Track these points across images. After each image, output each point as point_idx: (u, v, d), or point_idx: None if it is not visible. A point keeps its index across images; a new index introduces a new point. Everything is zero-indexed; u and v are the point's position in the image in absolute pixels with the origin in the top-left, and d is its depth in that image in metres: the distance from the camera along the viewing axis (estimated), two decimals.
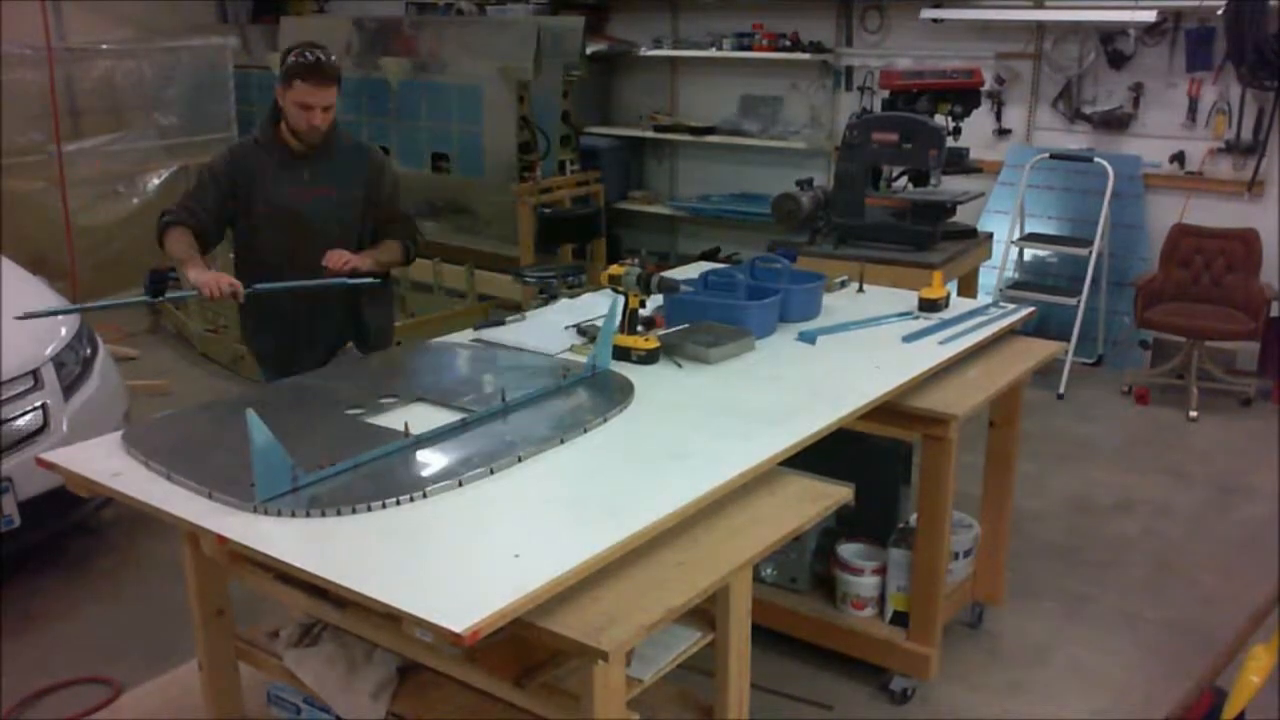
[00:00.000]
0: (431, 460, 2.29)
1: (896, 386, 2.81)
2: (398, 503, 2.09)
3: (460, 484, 2.17)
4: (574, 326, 3.23)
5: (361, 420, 2.50)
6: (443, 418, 2.48)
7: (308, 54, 3.30)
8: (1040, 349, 3.41)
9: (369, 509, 2.07)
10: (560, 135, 7.09)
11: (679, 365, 2.92)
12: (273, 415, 2.45)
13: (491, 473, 2.23)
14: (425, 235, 7.43)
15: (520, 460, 2.29)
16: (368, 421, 2.49)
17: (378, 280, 3.46)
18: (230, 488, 2.10)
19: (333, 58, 3.34)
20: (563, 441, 2.39)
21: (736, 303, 3.24)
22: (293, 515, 2.04)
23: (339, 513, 2.05)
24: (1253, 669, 2.19)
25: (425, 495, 2.12)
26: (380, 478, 2.19)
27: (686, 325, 3.11)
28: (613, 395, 2.65)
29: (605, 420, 2.51)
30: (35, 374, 3.75)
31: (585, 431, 2.45)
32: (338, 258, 3.32)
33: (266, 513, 2.05)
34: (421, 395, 2.66)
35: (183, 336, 6.65)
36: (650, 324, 3.09)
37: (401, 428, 2.38)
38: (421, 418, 2.47)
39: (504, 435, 2.41)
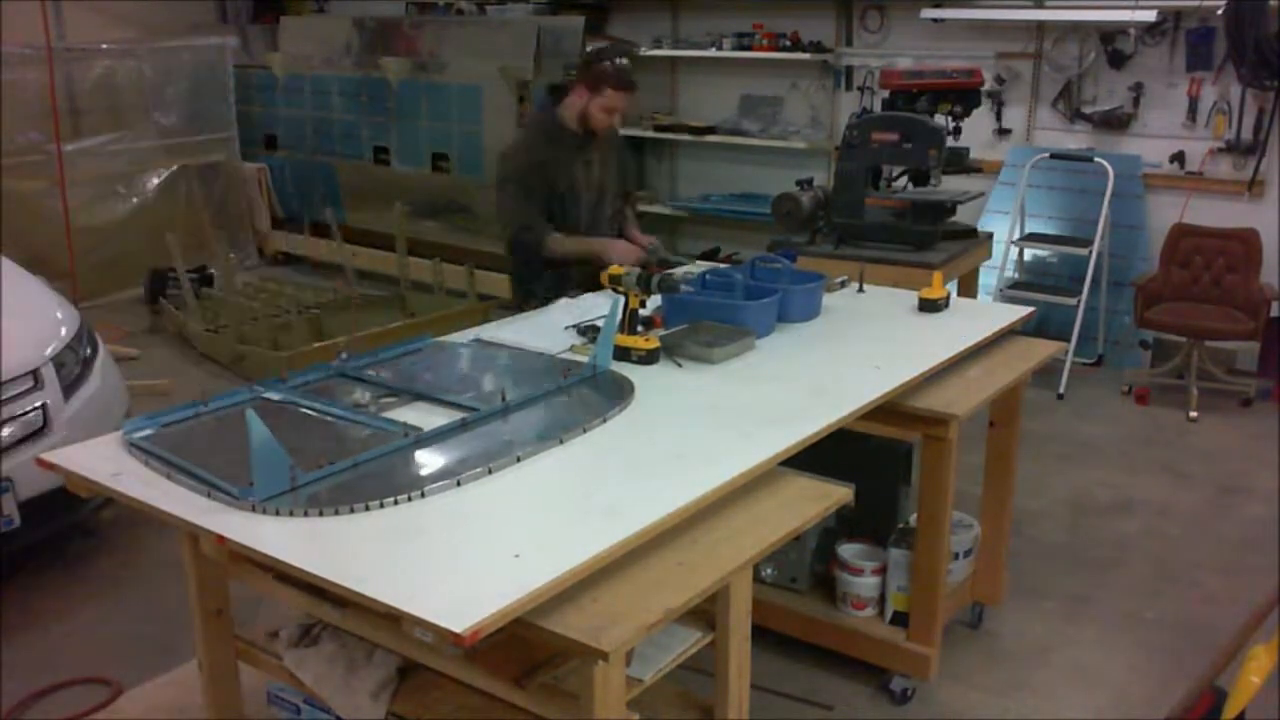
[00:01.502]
0: (430, 460, 2.29)
1: (896, 386, 2.81)
2: (395, 502, 2.09)
3: (459, 484, 2.17)
4: (574, 326, 3.23)
5: (361, 419, 2.50)
6: (442, 417, 2.48)
7: (623, 62, 3.73)
8: (1040, 349, 3.41)
9: (367, 508, 2.07)
10: None
11: (679, 365, 2.92)
12: (272, 414, 2.46)
13: (490, 472, 2.23)
14: (426, 235, 7.49)
15: (519, 460, 2.29)
16: (367, 421, 2.49)
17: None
18: (229, 487, 2.11)
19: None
20: (562, 442, 2.39)
21: (735, 303, 3.24)
22: (291, 514, 2.05)
23: (337, 512, 2.05)
24: (1253, 669, 2.19)
25: (424, 495, 2.12)
26: (379, 477, 2.19)
27: (686, 325, 3.11)
28: (613, 395, 2.65)
29: (605, 421, 2.51)
30: (35, 374, 3.75)
31: (585, 432, 2.45)
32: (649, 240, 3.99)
33: (265, 512, 2.05)
34: (421, 394, 2.66)
35: (183, 336, 6.65)
36: (649, 324, 3.09)
37: (401, 427, 2.38)
38: (421, 417, 2.47)
39: (503, 435, 2.41)
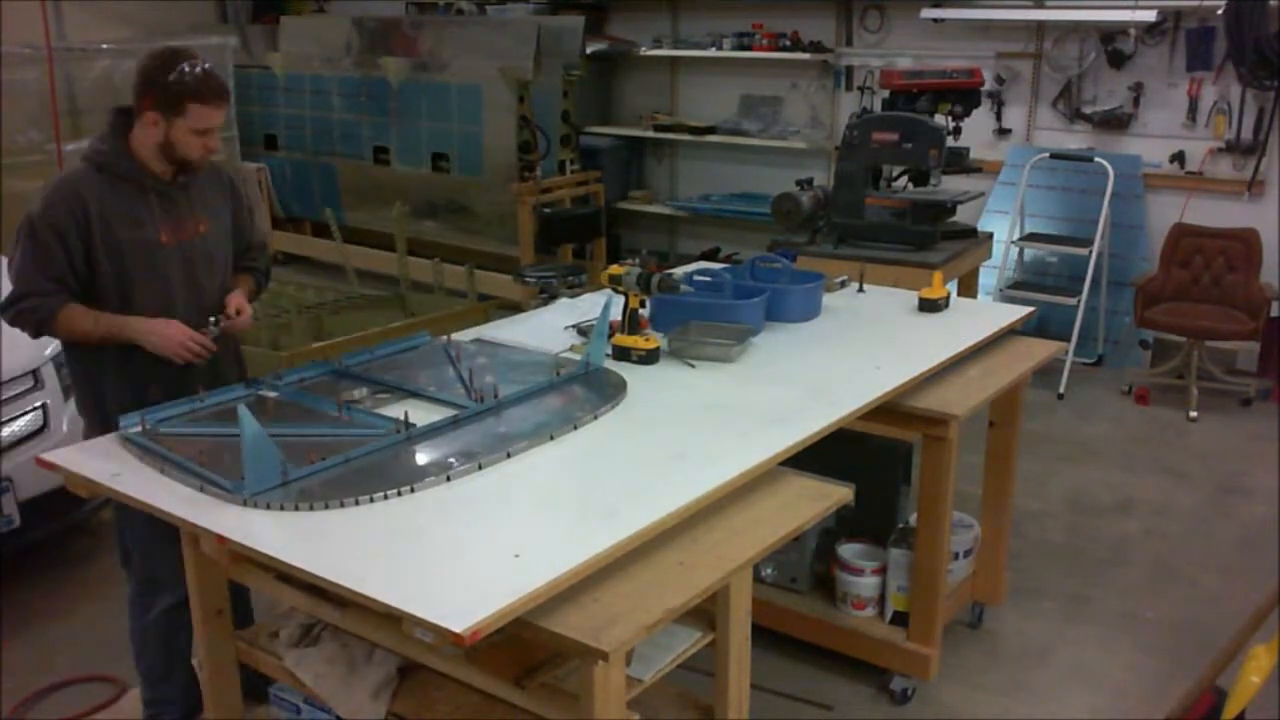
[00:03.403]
0: (421, 455, 2.30)
1: (896, 386, 2.81)
2: (385, 497, 2.10)
3: (449, 479, 2.18)
4: (574, 326, 3.23)
5: (354, 416, 2.50)
6: (435, 414, 2.49)
7: (198, 68, 2.66)
8: (1040, 349, 3.41)
9: (357, 503, 2.08)
10: (560, 135, 7.10)
11: (693, 366, 2.91)
12: (267, 410, 2.47)
13: (480, 468, 2.24)
14: (425, 235, 7.47)
15: (510, 456, 2.30)
16: (360, 417, 2.49)
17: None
18: (222, 481, 2.12)
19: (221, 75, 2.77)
20: (552, 438, 2.40)
21: (725, 302, 3.24)
22: (282, 509, 2.05)
23: (327, 506, 2.06)
24: (1253, 669, 2.19)
25: (413, 490, 2.13)
26: (370, 472, 2.20)
27: (681, 326, 3.09)
28: (605, 392, 2.66)
29: (596, 418, 2.52)
30: (35, 374, 3.75)
31: (576, 429, 2.45)
32: (243, 311, 2.85)
33: (256, 506, 2.06)
34: (415, 392, 2.67)
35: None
36: (636, 324, 3.04)
37: (393, 424, 2.38)
38: (414, 414, 2.46)
39: (495, 431, 2.42)
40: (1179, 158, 5.99)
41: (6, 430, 3.59)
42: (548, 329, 3.23)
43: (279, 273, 8.03)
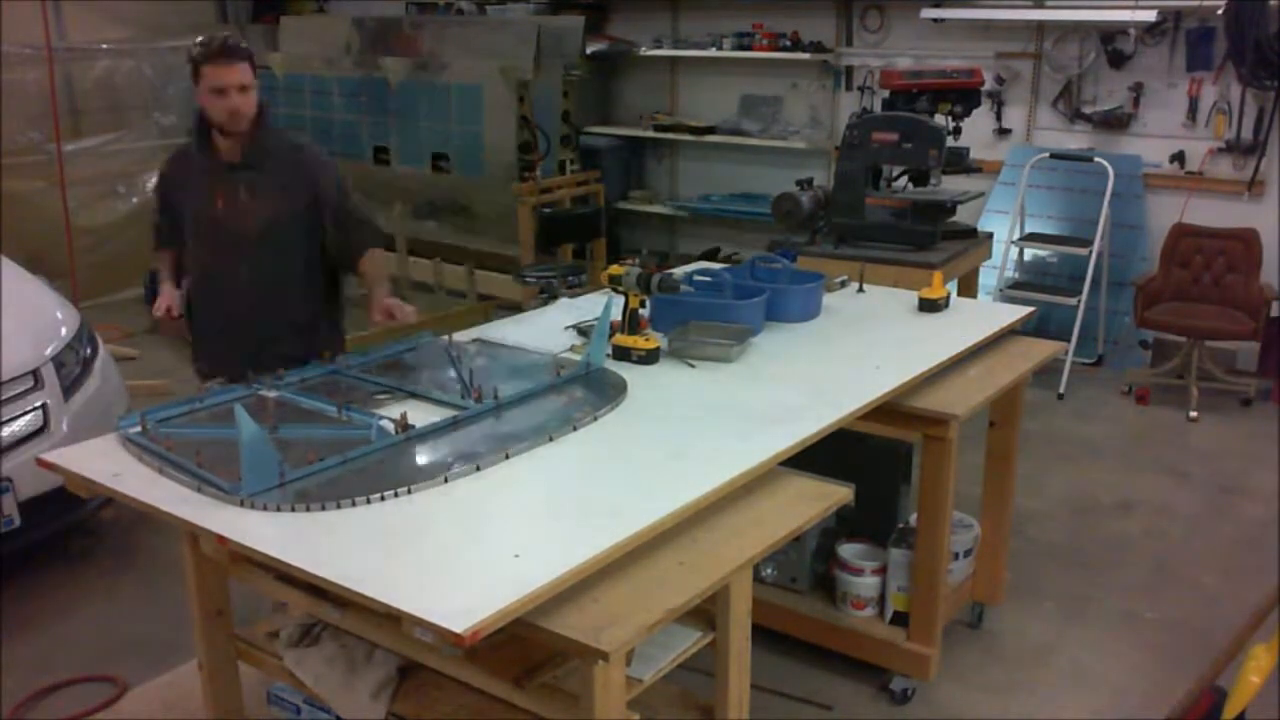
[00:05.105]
0: (419, 457, 2.30)
1: (896, 386, 2.81)
2: (383, 498, 2.10)
3: (446, 480, 2.18)
4: (574, 326, 3.23)
5: (353, 417, 2.50)
6: (435, 415, 2.49)
7: (210, 40, 3.08)
8: (1040, 349, 3.41)
9: (354, 504, 2.08)
10: (560, 135, 7.10)
11: (692, 366, 2.91)
12: (266, 411, 2.46)
13: (479, 469, 2.24)
14: (425, 235, 7.47)
15: (508, 458, 2.29)
16: (359, 417, 2.49)
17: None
18: (219, 481, 2.12)
19: (242, 42, 3.10)
20: (551, 439, 2.40)
21: (726, 302, 3.24)
22: (279, 510, 2.05)
23: (324, 507, 2.06)
24: (1253, 669, 2.19)
25: (410, 492, 2.13)
26: (367, 474, 2.20)
27: (681, 326, 3.09)
28: (605, 393, 2.66)
29: (596, 418, 2.52)
30: (35, 374, 3.75)
31: (575, 429, 2.45)
32: (397, 311, 3.13)
33: (253, 506, 2.06)
34: (415, 393, 2.66)
35: (183, 337, 6.64)
36: (636, 325, 3.03)
37: (392, 425, 2.38)
38: (413, 415, 2.47)
39: (494, 432, 2.42)
40: (1179, 158, 5.99)
41: (6, 430, 3.59)
42: (548, 329, 3.23)
43: None
